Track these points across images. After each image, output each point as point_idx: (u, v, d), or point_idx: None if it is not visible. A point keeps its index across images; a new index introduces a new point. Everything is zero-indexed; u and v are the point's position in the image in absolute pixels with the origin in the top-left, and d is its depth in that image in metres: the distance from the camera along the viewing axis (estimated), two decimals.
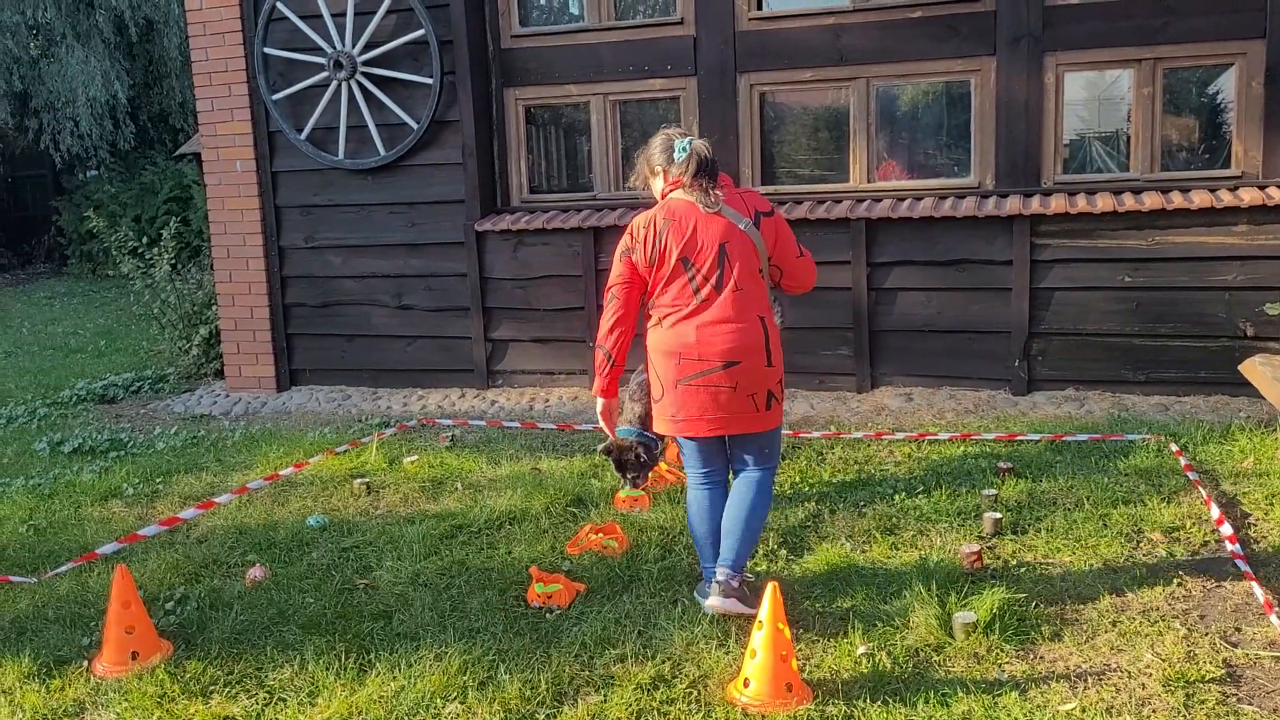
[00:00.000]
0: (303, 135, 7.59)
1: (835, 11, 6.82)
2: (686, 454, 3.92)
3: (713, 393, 3.69)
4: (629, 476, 4.88)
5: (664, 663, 3.55)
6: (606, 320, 3.83)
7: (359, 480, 5.55)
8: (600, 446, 4.83)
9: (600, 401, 4.01)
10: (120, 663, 3.71)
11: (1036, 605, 3.80)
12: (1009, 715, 3.13)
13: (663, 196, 3.81)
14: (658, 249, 3.71)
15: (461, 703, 3.36)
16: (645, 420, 4.73)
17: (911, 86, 7.02)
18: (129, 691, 3.54)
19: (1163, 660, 3.38)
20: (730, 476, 3.98)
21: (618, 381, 3.96)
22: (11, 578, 4.53)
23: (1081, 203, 6.34)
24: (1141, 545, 4.30)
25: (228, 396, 7.93)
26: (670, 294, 3.73)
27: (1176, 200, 6.21)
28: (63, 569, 4.62)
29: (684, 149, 3.72)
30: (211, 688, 3.56)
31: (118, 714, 3.42)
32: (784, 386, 3.84)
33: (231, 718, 3.37)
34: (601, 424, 4.08)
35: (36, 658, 3.80)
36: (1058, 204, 6.35)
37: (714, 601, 3.76)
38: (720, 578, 3.75)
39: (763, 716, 3.20)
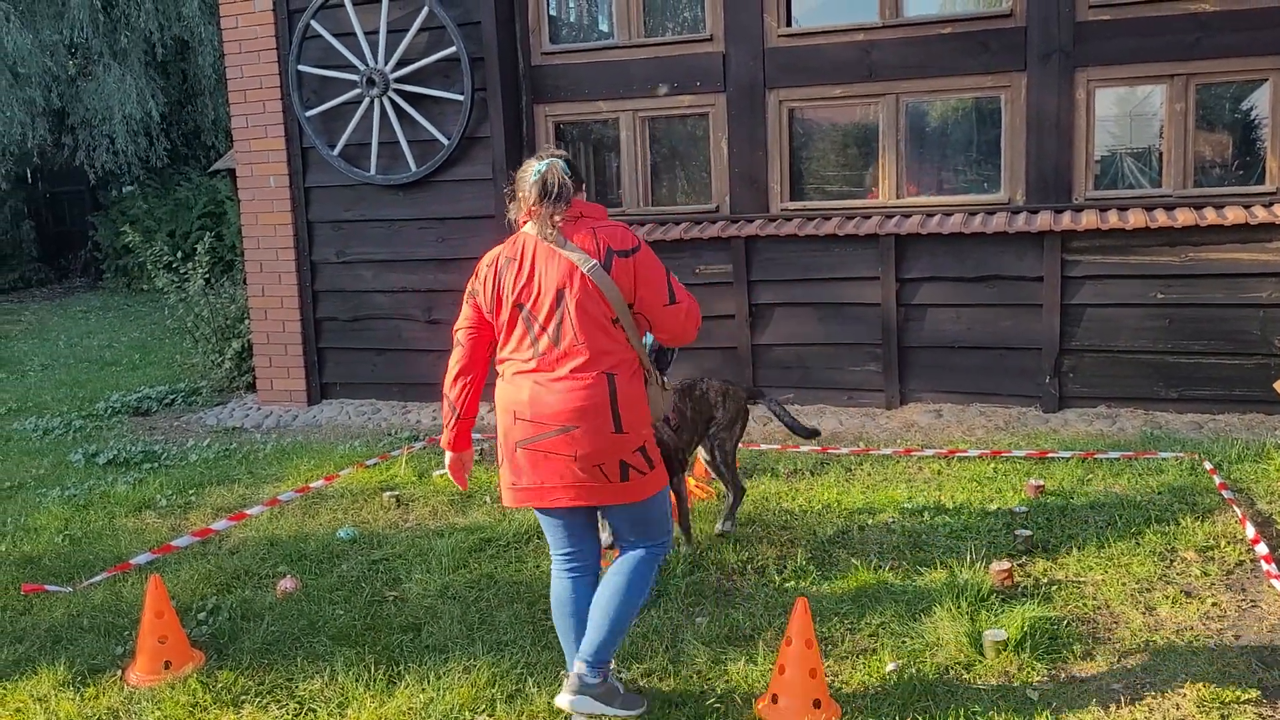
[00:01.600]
0: (335, 151, 7.68)
1: (865, 28, 6.83)
2: (544, 529, 3.36)
3: (553, 460, 3.13)
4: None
5: (691, 677, 3.55)
6: (450, 369, 3.31)
7: (388, 493, 5.58)
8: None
9: (448, 455, 3.41)
10: (153, 672, 3.74)
11: (1068, 623, 3.77)
12: None
13: (518, 226, 3.25)
14: (495, 292, 3.19)
15: (490, 715, 3.37)
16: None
17: (941, 102, 7.01)
18: (162, 700, 3.57)
19: (1197, 680, 3.34)
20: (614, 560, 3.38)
21: (467, 435, 3.37)
22: (47, 587, 4.59)
23: (1113, 218, 6.30)
24: (1175, 564, 4.25)
25: (259, 409, 8.01)
26: (511, 344, 3.21)
27: (1210, 217, 6.16)
28: (97, 579, 4.68)
29: (537, 172, 3.16)
30: (243, 697, 3.58)
31: None
32: (649, 455, 3.20)
33: None
34: (450, 477, 3.53)
35: (71, 666, 3.85)
36: (1089, 220, 6.32)
37: (562, 700, 3.23)
38: (575, 671, 3.21)
39: None
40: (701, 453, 4.87)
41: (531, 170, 3.18)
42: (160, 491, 5.93)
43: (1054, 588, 4.07)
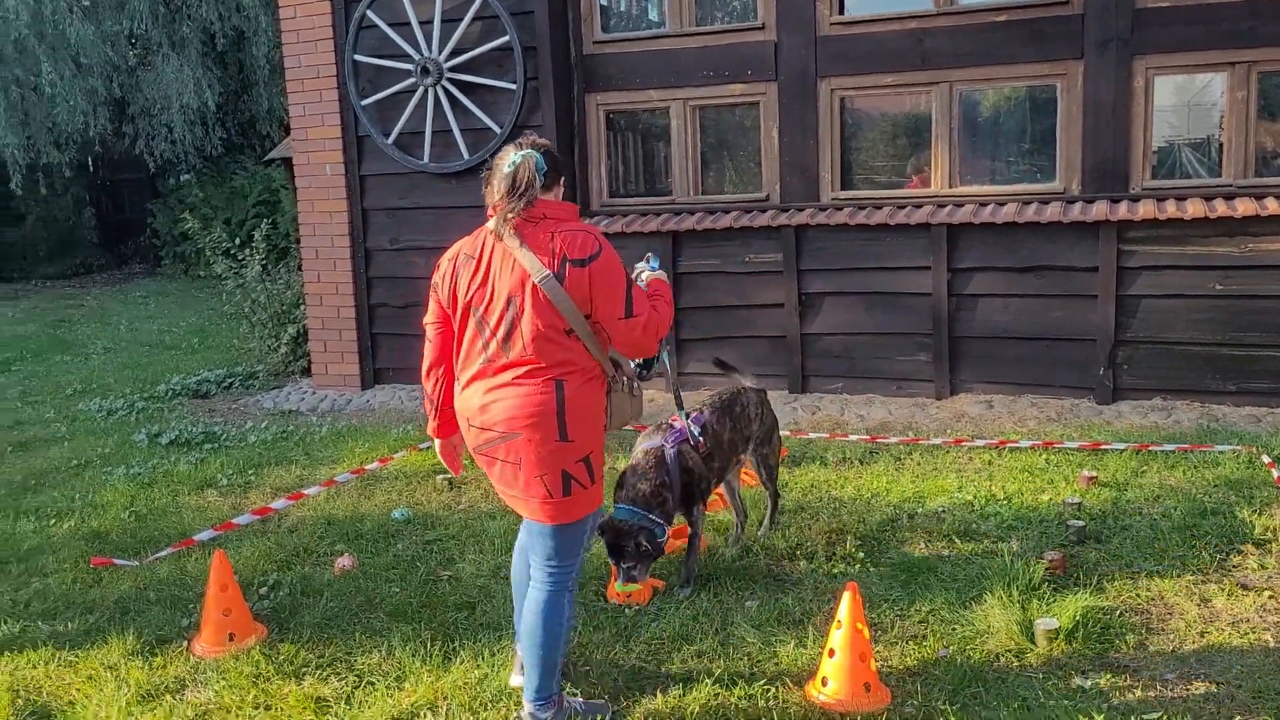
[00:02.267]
0: (390, 140, 7.79)
1: (919, 15, 6.79)
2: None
3: (500, 465, 3.06)
4: (623, 566, 3.90)
5: (741, 660, 3.59)
6: (424, 362, 3.25)
7: (441, 476, 5.68)
8: (597, 524, 3.61)
9: (437, 443, 3.38)
10: (218, 643, 3.86)
11: (1121, 614, 3.76)
12: None
13: (488, 215, 3.07)
14: (450, 290, 3.09)
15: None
16: (651, 499, 3.96)
17: (994, 91, 6.96)
18: (226, 671, 3.69)
19: (1252, 672, 3.32)
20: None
21: (451, 421, 3.27)
22: (115, 561, 4.74)
23: (1171, 208, 6.21)
24: (1231, 557, 4.21)
25: (314, 393, 8.16)
26: (464, 346, 3.10)
27: (1271, 207, 6.06)
28: (162, 554, 4.82)
29: (511, 163, 3.00)
30: (304, 669, 3.69)
31: (216, 692, 3.57)
32: (592, 468, 3.06)
33: (323, 699, 3.49)
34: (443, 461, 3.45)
35: (140, 636, 3.98)
36: (1146, 210, 6.24)
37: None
38: (525, 712, 3.16)
39: (841, 715, 3.22)
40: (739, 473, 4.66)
41: (507, 160, 3.02)
42: (221, 471, 6.08)
43: (1106, 578, 4.05)
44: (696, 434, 4.17)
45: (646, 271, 3.42)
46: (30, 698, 3.61)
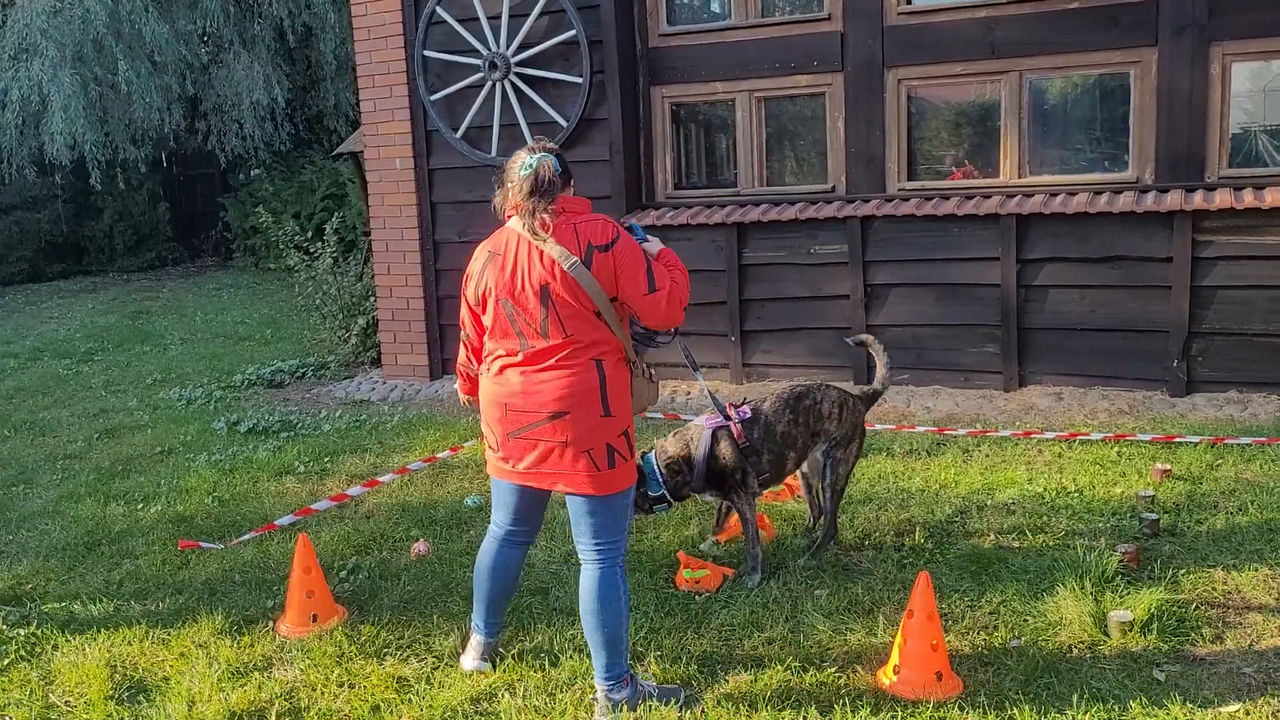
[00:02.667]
0: (458, 134, 7.92)
1: (988, 4, 6.72)
2: (495, 501, 3.56)
3: (540, 447, 3.26)
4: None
5: (811, 647, 3.63)
6: (459, 355, 3.63)
7: None
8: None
9: (462, 396, 3.76)
10: (302, 624, 4.00)
11: (1196, 607, 3.73)
12: (1169, 715, 3.10)
13: (504, 217, 3.35)
14: (479, 288, 3.34)
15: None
16: (669, 465, 4.18)
17: (1064, 79, 6.87)
18: (311, 650, 3.82)
19: None
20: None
21: (476, 384, 3.57)
22: (201, 544, 4.92)
23: (1249, 198, 6.09)
24: None
25: (384, 383, 8.33)
26: (496, 336, 3.32)
27: None
28: (246, 537, 4.99)
29: (527, 166, 3.22)
30: (385, 650, 3.81)
31: (302, 670, 3.70)
32: (632, 441, 3.32)
33: (404, 678, 3.61)
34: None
35: (227, 616, 4.14)
36: (1222, 199, 6.12)
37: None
38: (599, 692, 3.32)
39: (913, 704, 3.25)
40: (805, 473, 4.50)
41: (521, 163, 3.24)
42: (298, 458, 6.25)
43: (1181, 572, 4.02)
44: (737, 420, 4.17)
45: (650, 242, 3.48)
46: (127, 673, 3.78)
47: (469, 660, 3.66)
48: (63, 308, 14.31)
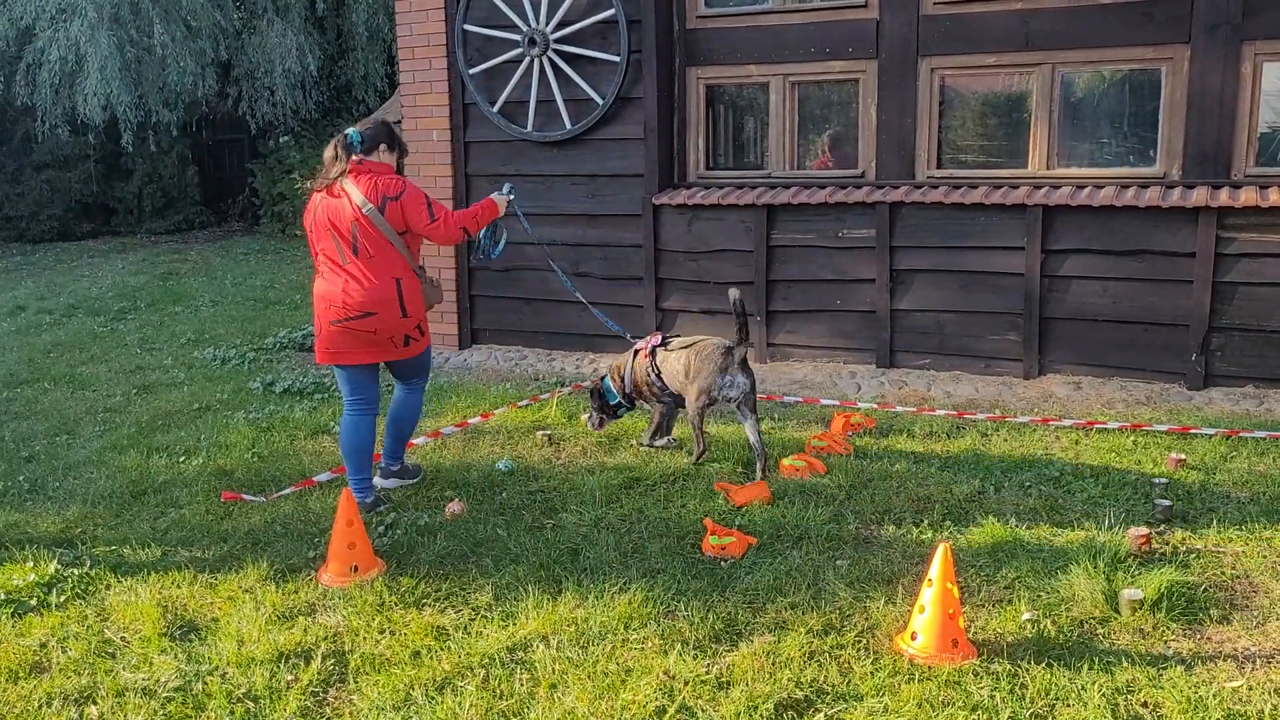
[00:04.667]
0: (495, 108, 8.05)
1: None
2: (340, 382, 4.88)
3: (355, 334, 4.68)
4: (593, 406, 5.81)
5: (832, 613, 3.79)
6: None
7: (541, 432, 5.95)
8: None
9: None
10: (343, 574, 4.18)
11: (1206, 589, 3.86)
12: (1174, 687, 3.24)
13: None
14: (313, 220, 4.76)
15: (644, 630, 3.67)
16: (612, 374, 5.67)
17: (1095, 73, 6.94)
18: (353, 599, 4.00)
19: None
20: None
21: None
22: (244, 496, 5.11)
23: (1273, 196, 6.18)
24: None
25: None
26: (326, 252, 4.72)
27: None
28: (286, 491, 5.18)
29: (332, 141, 4.74)
30: (423, 601, 3.99)
31: (344, 616, 3.88)
32: (422, 327, 4.86)
33: (443, 627, 3.78)
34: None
35: (271, 564, 4.32)
36: (1248, 197, 6.21)
37: (378, 480, 5.09)
38: (381, 464, 5.13)
39: (929, 668, 3.40)
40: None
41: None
42: (333, 419, 6.42)
43: (1192, 556, 4.16)
44: (646, 349, 5.52)
45: (496, 195, 5.12)
46: (178, 613, 3.97)
47: (379, 480, 5.17)
48: (93, 267, 14.55)
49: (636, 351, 5.59)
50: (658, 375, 5.45)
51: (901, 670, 3.39)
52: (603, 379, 5.74)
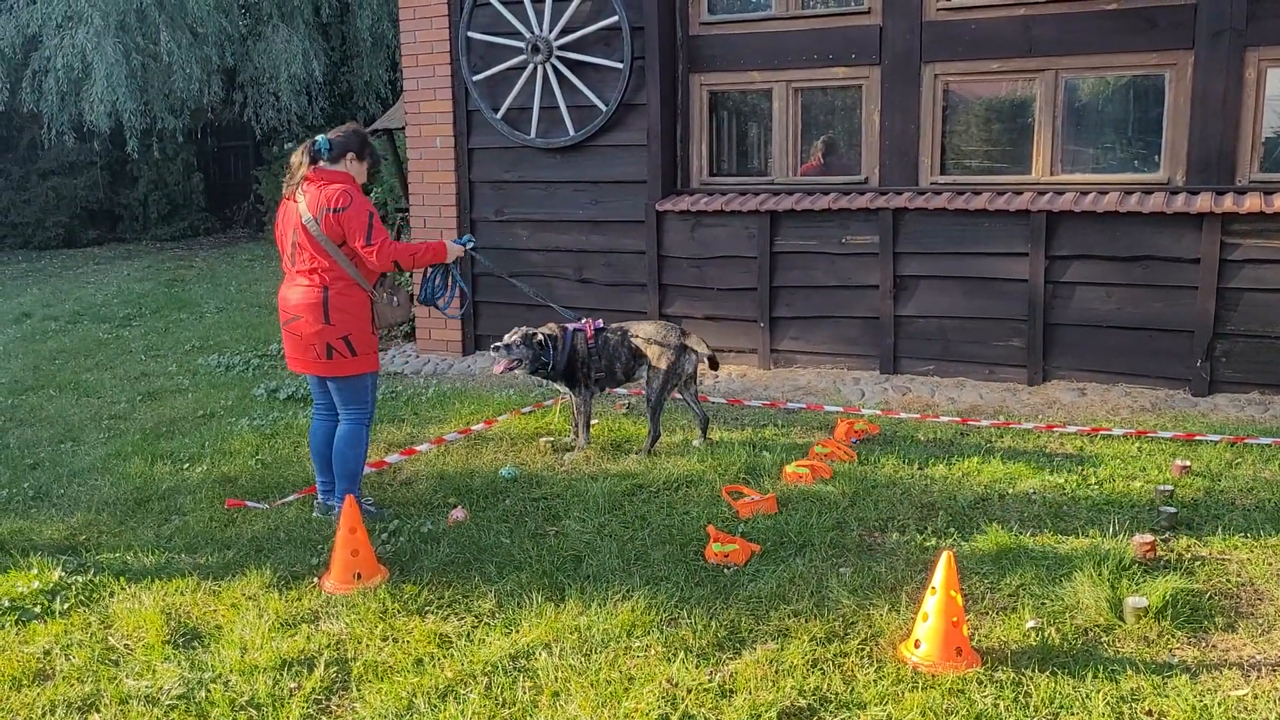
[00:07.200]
0: (499, 115, 8.06)
1: (1027, 2, 6.80)
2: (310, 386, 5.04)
3: (291, 338, 4.79)
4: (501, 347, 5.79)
5: (836, 620, 3.78)
6: None
7: (545, 439, 5.95)
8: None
9: None
10: (346, 581, 4.18)
11: (1211, 597, 3.85)
12: (1179, 695, 3.23)
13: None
14: (279, 228, 4.85)
15: (647, 638, 3.67)
16: (538, 337, 5.67)
17: (1098, 79, 6.94)
18: (355, 606, 4.00)
19: None
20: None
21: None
22: (247, 503, 5.11)
23: (1278, 202, 6.17)
24: None
25: (418, 357, 8.51)
26: (283, 256, 4.84)
27: None
28: (289, 498, 5.18)
29: (317, 145, 4.74)
30: (426, 609, 3.98)
31: (347, 623, 3.88)
32: (352, 344, 4.72)
33: (445, 635, 3.78)
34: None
35: (274, 571, 4.32)
36: (1252, 203, 6.21)
37: (317, 512, 4.98)
38: (320, 500, 4.99)
39: (933, 676, 3.39)
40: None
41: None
42: None
43: (1197, 563, 4.14)
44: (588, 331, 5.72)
45: (453, 241, 5.16)
46: (181, 620, 3.97)
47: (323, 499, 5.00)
48: (98, 273, 14.59)
49: (577, 331, 5.78)
50: (631, 351, 5.75)
51: (905, 678, 3.38)
52: (550, 335, 5.72)
